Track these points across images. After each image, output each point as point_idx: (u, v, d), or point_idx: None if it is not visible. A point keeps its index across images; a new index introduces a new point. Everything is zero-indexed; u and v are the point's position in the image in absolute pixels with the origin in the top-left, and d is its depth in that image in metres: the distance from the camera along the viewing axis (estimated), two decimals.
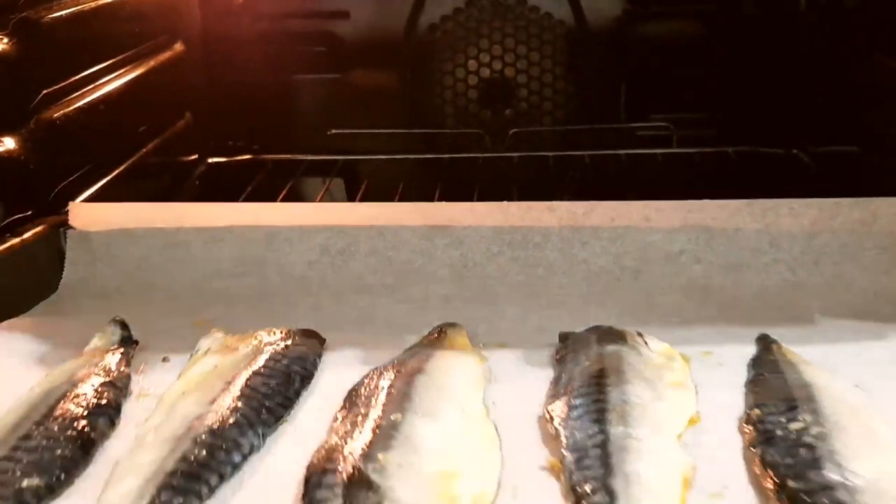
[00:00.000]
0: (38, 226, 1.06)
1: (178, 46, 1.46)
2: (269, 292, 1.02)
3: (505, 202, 1.06)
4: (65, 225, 1.07)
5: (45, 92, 1.09)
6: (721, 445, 0.70)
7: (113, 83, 1.24)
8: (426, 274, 1.04)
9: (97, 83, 1.21)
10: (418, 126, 1.62)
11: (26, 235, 1.03)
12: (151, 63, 1.34)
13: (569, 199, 1.06)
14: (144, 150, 1.31)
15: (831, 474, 0.62)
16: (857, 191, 1.04)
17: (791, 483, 0.63)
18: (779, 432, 0.69)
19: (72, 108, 1.14)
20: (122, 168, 1.24)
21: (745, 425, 0.72)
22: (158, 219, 1.07)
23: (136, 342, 0.90)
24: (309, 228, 1.05)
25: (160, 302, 1.01)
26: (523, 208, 1.05)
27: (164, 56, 1.40)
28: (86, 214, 1.08)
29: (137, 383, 0.83)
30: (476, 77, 1.59)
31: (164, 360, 0.88)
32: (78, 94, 1.16)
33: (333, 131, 1.58)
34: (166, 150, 1.38)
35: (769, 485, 0.64)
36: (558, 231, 1.03)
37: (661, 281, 1.01)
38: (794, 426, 0.69)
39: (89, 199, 1.14)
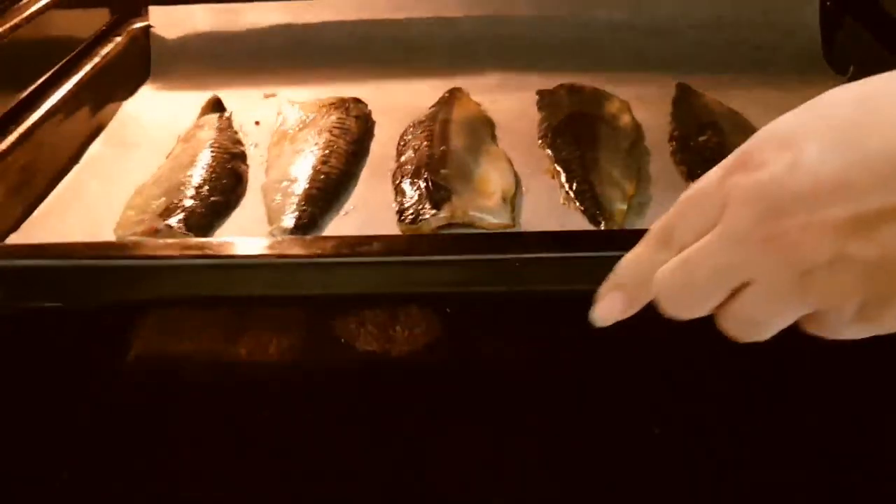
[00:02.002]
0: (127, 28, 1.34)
1: None
2: (315, 67, 1.33)
3: None
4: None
5: None
6: (655, 155, 1.07)
7: None
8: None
9: None
10: None
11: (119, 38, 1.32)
12: None
13: None
14: None
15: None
16: None
17: (698, 171, 0.99)
18: (691, 143, 1.05)
19: None
20: None
21: (669, 142, 1.08)
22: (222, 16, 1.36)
23: (231, 112, 1.21)
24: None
25: (234, 82, 1.31)
26: None
27: None
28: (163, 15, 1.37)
29: (246, 138, 1.15)
30: None
31: (256, 123, 1.19)
32: None
33: None
34: None
35: (683, 174, 1.01)
36: None
37: None
38: (701, 139, 1.05)
39: None
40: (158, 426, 0.79)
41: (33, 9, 1.14)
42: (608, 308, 0.47)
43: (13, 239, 0.92)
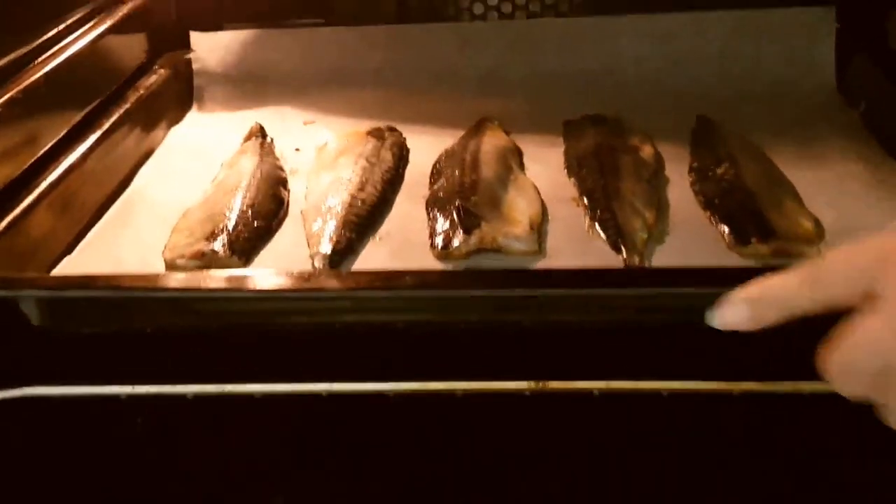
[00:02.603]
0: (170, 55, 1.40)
1: None
2: (352, 94, 1.38)
3: None
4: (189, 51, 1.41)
5: None
6: (675, 184, 1.11)
7: None
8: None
9: None
10: None
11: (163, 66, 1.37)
12: None
13: None
14: None
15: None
16: None
17: (716, 201, 1.04)
18: (709, 174, 1.09)
19: None
20: None
21: (689, 173, 1.12)
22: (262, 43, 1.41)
23: (272, 139, 1.26)
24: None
25: (275, 108, 1.36)
26: None
27: None
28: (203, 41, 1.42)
29: (286, 164, 1.20)
30: None
31: (297, 150, 1.24)
32: None
33: None
34: None
35: (702, 204, 1.05)
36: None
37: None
38: (719, 170, 1.09)
39: None
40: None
41: (86, 39, 1.19)
42: (732, 315, 0.50)
43: (67, 262, 0.97)
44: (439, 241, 0.98)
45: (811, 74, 1.33)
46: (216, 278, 0.80)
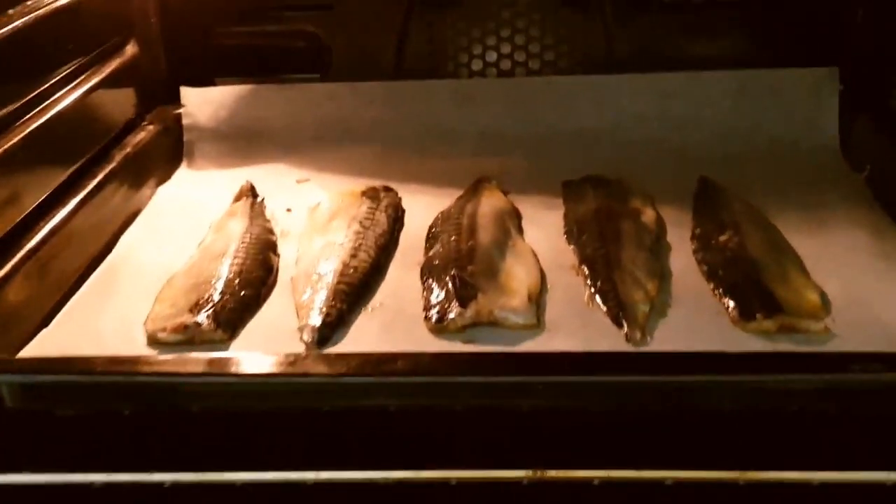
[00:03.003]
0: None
1: None
2: (346, 152, 1.34)
3: None
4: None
5: None
6: (677, 252, 1.07)
7: None
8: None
9: None
10: None
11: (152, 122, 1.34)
12: None
13: None
14: None
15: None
16: None
17: (720, 272, 1.00)
18: (712, 242, 1.06)
19: None
20: None
21: (691, 240, 1.08)
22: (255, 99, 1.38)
23: (263, 199, 1.23)
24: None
25: (267, 166, 1.33)
26: None
27: None
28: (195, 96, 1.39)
29: (277, 227, 1.16)
30: None
31: (288, 210, 1.20)
32: None
33: None
34: None
35: (705, 274, 1.01)
36: None
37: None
38: (722, 238, 1.06)
39: None
40: None
41: (74, 95, 1.15)
42: None
43: (43, 336, 0.92)
44: (434, 314, 0.94)
45: (814, 135, 1.31)
46: (196, 361, 0.76)
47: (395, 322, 0.95)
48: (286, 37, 1.41)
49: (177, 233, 1.15)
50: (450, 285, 0.97)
